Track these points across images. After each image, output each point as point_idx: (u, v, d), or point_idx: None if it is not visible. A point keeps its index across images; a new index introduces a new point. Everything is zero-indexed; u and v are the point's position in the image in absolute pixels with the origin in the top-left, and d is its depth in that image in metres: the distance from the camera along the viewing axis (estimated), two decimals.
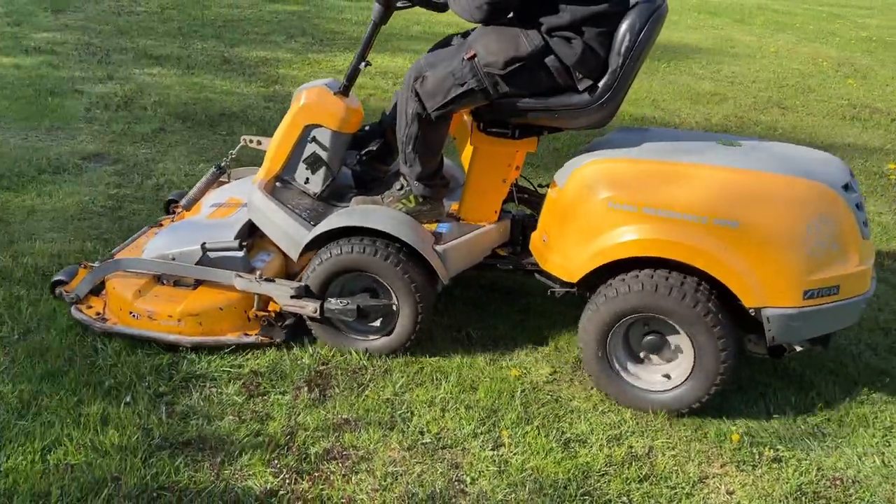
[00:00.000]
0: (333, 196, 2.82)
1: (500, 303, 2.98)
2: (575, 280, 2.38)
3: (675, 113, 5.75)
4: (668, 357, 2.38)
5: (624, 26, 2.35)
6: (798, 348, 2.32)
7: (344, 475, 2.10)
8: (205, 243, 2.63)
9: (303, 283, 2.55)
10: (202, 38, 6.86)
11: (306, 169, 2.76)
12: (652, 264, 2.26)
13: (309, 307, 2.53)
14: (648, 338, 2.36)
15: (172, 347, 2.56)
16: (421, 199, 2.64)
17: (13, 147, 4.11)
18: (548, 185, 2.58)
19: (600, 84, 2.38)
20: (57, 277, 2.73)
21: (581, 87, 2.40)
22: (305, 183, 2.79)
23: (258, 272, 2.58)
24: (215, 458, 2.13)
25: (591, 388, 2.51)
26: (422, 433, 2.28)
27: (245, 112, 4.97)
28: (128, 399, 2.31)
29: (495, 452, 2.22)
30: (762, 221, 2.16)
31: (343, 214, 2.59)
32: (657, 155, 2.37)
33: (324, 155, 2.73)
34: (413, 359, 2.61)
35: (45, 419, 2.20)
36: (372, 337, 2.63)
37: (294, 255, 2.64)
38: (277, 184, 2.79)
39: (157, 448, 2.14)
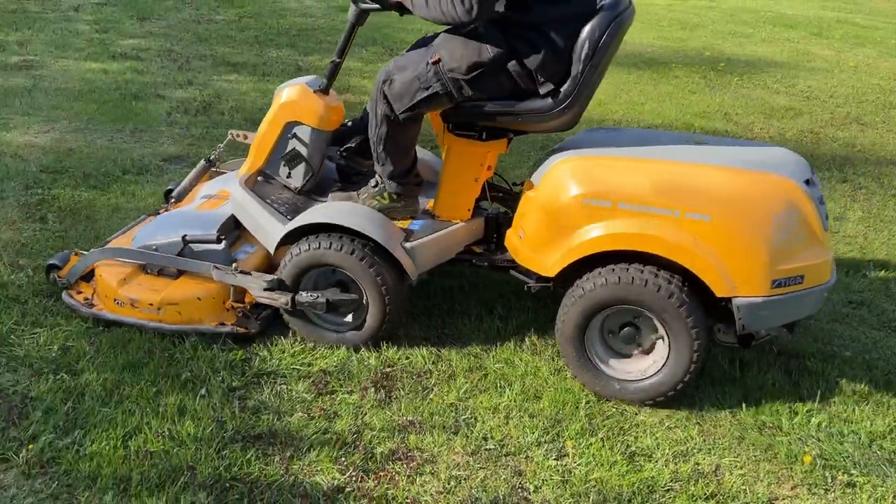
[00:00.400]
0: (316, 190, 2.89)
1: None
2: (552, 275, 2.46)
3: (749, 127, 5.63)
4: (644, 348, 2.45)
5: (584, 33, 2.39)
6: (764, 335, 2.43)
7: (409, 476, 2.14)
8: (185, 235, 2.74)
9: (276, 277, 2.63)
10: (277, 47, 7.06)
11: (287, 165, 2.84)
12: (626, 258, 2.33)
13: (281, 299, 2.62)
14: (625, 329, 2.44)
15: (245, 343, 2.65)
16: (395, 197, 2.71)
17: (100, 147, 4.32)
18: (521, 184, 2.61)
19: (562, 89, 2.43)
20: (51, 262, 2.87)
21: (543, 91, 2.45)
22: (287, 178, 2.87)
23: (235, 264, 2.69)
24: (285, 452, 2.19)
25: (657, 404, 2.48)
26: (485, 439, 2.30)
27: None
28: (203, 392, 2.40)
29: (559, 462, 2.22)
30: (733, 214, 2.24)
31: (315, 211, 2.67)
32: (629, 152, 2.45)
33: (303, 151, 2.81)
34: (476, 365, 2.63)
35: (127, 407, 2.31)
36: (343, 329, 2.70)
37: (270, 248, 2.73)
38: (260, 178, 2.88)
39: (230, 440, 2.22)
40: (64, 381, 2.39)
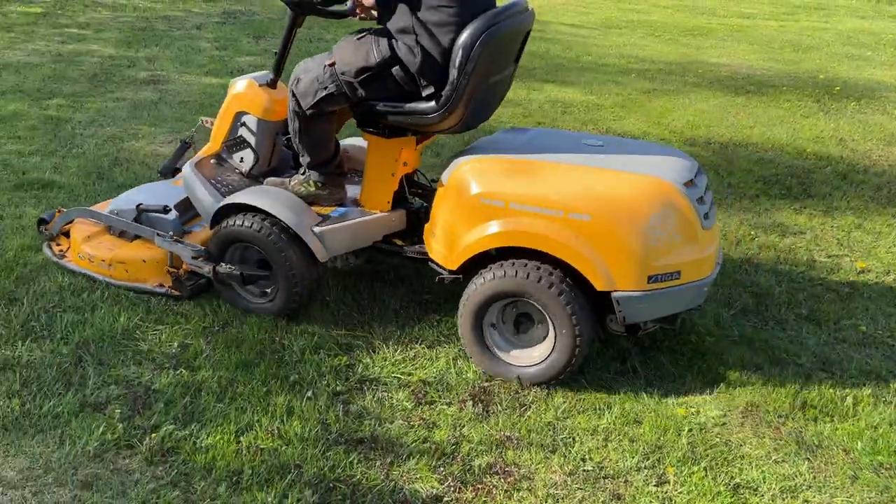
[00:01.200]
0: (265, 175, 3.12)
1: (667, 338, 2.93)
2: (454, 268, 2.64)
3: (866, 154, 5.36)
4: (535, 336, 2.61)
5: (460, 40, 2.51)
6: (650, 326, 2.58)
7: (506, 491, 2.15)
8: (140, 204, 3.09)
9: (204, 248, 2.92)
10: None
11: (237, 150, 3.13)
12: (521, 254, 2.49)
13: (205, 268, 2.90)
14: (518, 319, 2.62)
15: (349, 351, 2.74)
16: (319, 185, 2.94)
17: None
18: (437, 181, 2.78)
19: (443, 93, 2.57)
20: (41, 216, 3.33)
21: (424, 93, 2.62)
22: (240, 162, 3.14)
23: (172, 232, 2.98)
24: (385, 458, 2.25)
25: (764, 436, 2.41)
26: (583, 460, 2.29)
27: None
28: (309, 394, 2.50)
29: (659, 489, 2.18)
30: (611, 214, 2.40)
31: (242, 192, 2.91)
32: (526, 155, 2.63)
33: (250, 139, 3.08)
34: (575, 385, 2.62)
35: (239, 404, 2.43)
36: (258, 301, 2.94)
37: (207, 223, 2.99)
38: (214, 161, 3.14)
39: (334, 443, 2.30)
40: (183, 376, 2.54)
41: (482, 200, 2.52)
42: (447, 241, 2.64)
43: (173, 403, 2.42)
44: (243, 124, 3.09)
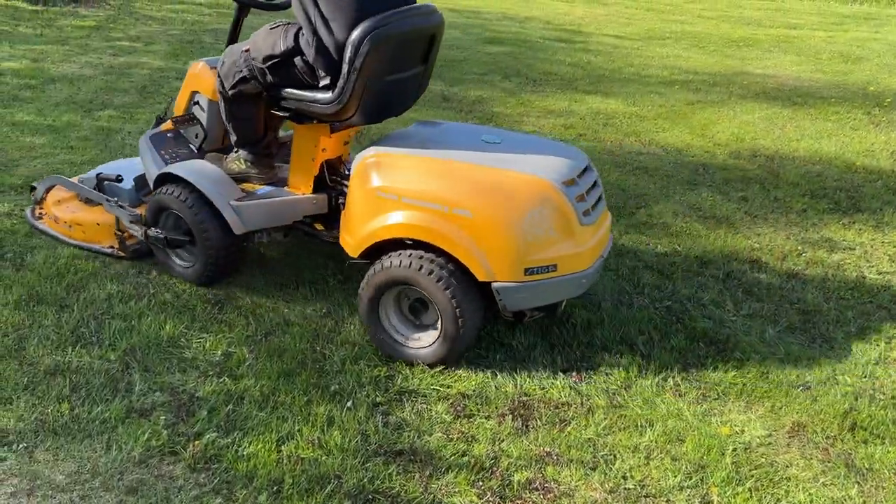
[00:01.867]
0: (218, 151, 3.39)
1: (709, 355, 2.88)
2: (355, 256, 2.81)
3: None
4: (427, 321, 2.76)
5: (351, 36, 2.64)
6: (535, 315, 2.78)
7: None
8: (100, 173, 3.39)
9: (140, 213, 3.21)
10: None
11: (191, 127, 3.39)
12: (414, 244, 2.66)
13: (139, 232, 3.20)
14: (413, 304, 2.77)
15: (389, 362, 2.75)
16: (248, 163, 3.17)
17: None
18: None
19: (337, 84, 2.72)
20: (32, 185, 3.71)
21: (321, 84, 2.79)
22: (194, 138, 3.39)
23: (118, 199, 3.28)
24: (424, 470, 2.25)
25: (811, 458, 2.35)
26: (624, 478, 2.26)
27: None
28: (349, 404, 2.52)
29: None
30: (490, 211, 2.55)
31: (174, 164, 3.14)
32: (426, 150, 2.76)
33: (201, 116, 3.35)
34: (615, 402, 2.59)
35: (281, 413, 2.46)
36: (182, 265, 3.19)
37: (152, 189, 3.23)
38: (171, 135, 3.38)
39: (374, 454, 2.31)
40: (226, 384, 2.58)
41: (378, 193, 2.70)
42: (351, 229, 2.83)
43: (216, 411, 2.45)
44: (196, 103, 3.36)
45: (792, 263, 3.69)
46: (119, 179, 3.34)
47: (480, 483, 2.21)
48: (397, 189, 2.66)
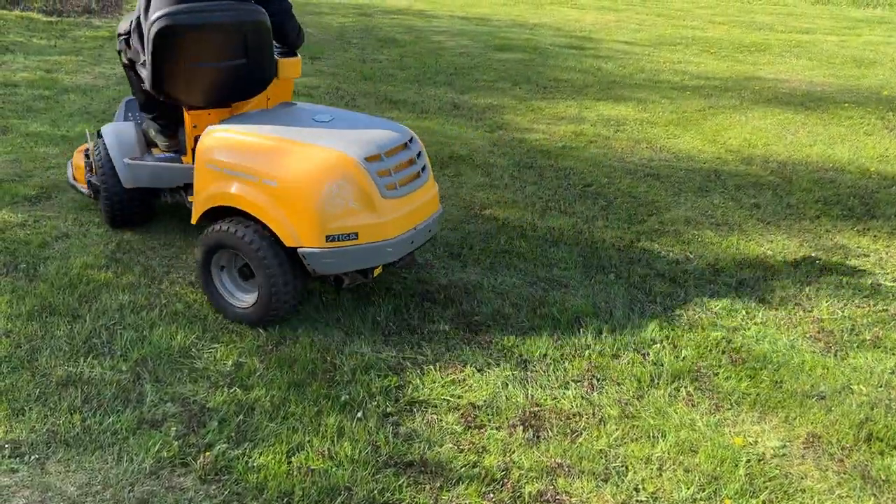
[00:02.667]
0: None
1: (722, 365, 2.85)
2: (193, 222, 3.13)
3: None
4: (253, 283, 3.01)
5: (149, 21, 2.94)
6: (351, 281, 2.99)
7: None
8: (99, 130, 3.69)
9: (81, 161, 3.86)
10: (435, 85, 7.34)
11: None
12: (239, 212, 2.94)
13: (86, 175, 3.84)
14: (242, 268, 3.03)
15: (399, 372, 2.75)
16: (156, 130, 3.57)
17: None
18: None
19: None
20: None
21: (142, 61, 3.21)
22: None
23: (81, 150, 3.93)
24: (435, 482, 2.24)
25: (826, 469, 2.32)
26: (636, 490, 2.24)
27: (472, 155, 5.24)
28: (360, 415, 2.51)
29: None
30: (293, 183, 2.80)
31: (108, 124, 3.69)
32: (252, 128, 3.01)
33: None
34: (628, 411, 2.57)
35: (291, 424, 2.45)
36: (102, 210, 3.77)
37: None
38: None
39: (384, 465, 2.30)
40: (237, 395, 2.59)
41: (207, 165, 3.01)
42: (194, 197, 3.13)
43: (227, 422, 2.45)
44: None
45: (805, 271, 3.66)
46: (99, 135, 3.72)
47: (491, 495, 2.20)
48: (221, 161, 2.97)
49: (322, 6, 13.20)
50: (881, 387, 2.75)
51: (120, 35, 3.45)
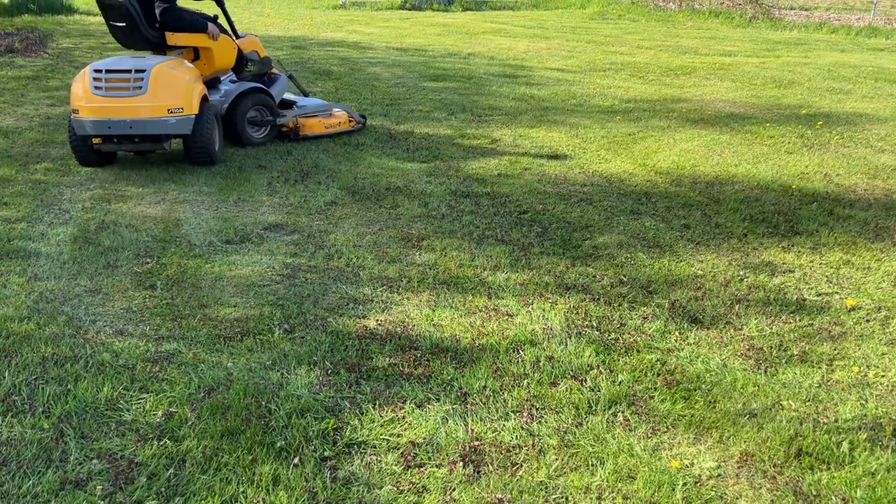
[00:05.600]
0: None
1: (658, 387, 2.89)
2: None
3: (851, 189, 5.39)
4: None
5: None
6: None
7: None
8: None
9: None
10: (371, 116, 7.34)
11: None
12: None
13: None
14: None
15: (337, 413, 2.70)
16: None
17: (206, 218, 4.58)
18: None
19: None
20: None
21: None
22: None
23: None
24: None
25: (760, 487, 2.36)
26: None
27: (408, 186, 5.24)
28: (296, 461, 2.45)
29: None
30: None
31: None
32: None
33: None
34: (568, 440, 2.58)
35: (224, 475, 2.38)
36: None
37: None
38: None
39: None
40: (167, 447, 2.50)
41: None
42: None
43: (157, 476, 2.36)
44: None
45: (735, 289, 3.75)
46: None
47: None
48: None
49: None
50: (809, 401, 2.82)
51: None
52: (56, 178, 5.22)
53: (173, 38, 5.61)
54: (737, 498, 2.33)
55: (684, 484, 2.37)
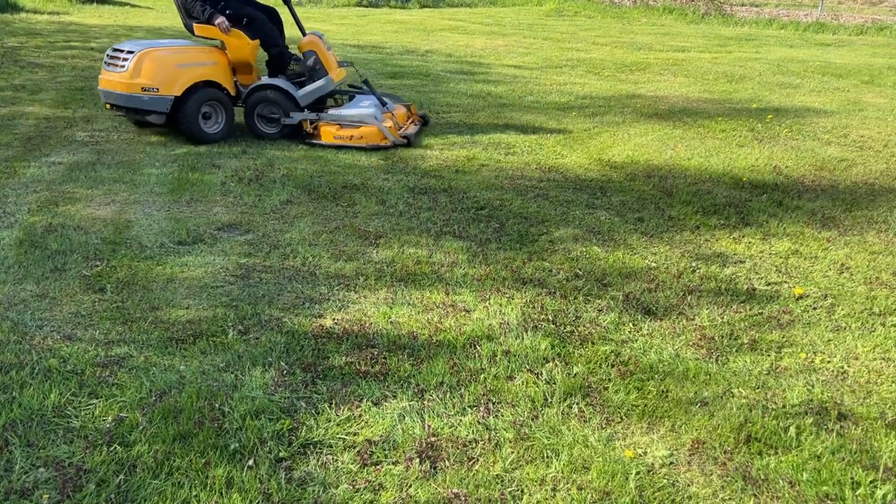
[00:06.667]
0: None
1: (612, 378, 2.93)
2: None
3: (800, 180, 5.53)
4: None
5: None
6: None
7: None
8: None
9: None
10: None
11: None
12: None
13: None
14: None
15: (292, 413, 2.68)
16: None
17: (157, 219, 4.49)
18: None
19: None
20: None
21: None
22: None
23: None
24: None
25: (711, 474, 2.41)
26: None
27: (365, 183, 5.22)
28: (250, 463, 2.42)
29: None
30: None
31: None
32: None
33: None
34: (524, 433, 2.60)
35: (176, 479, 2.34)
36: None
37: None
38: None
39: None
40: (117, 453, 2.44)
41: None
42: None
43: (106, 483, 2.31)
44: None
45: (687, 280, 3.82)
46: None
47: None
48: None
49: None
50: (758, 388, 2.89)
51: None
52: (1, 180, 5.07)
53: (196, 29, 6.08)
54: (688, 485, 2.37)
55: (637, 473, 2.40)
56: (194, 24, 6.06)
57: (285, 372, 2.93)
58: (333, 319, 3.33)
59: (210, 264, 3.86)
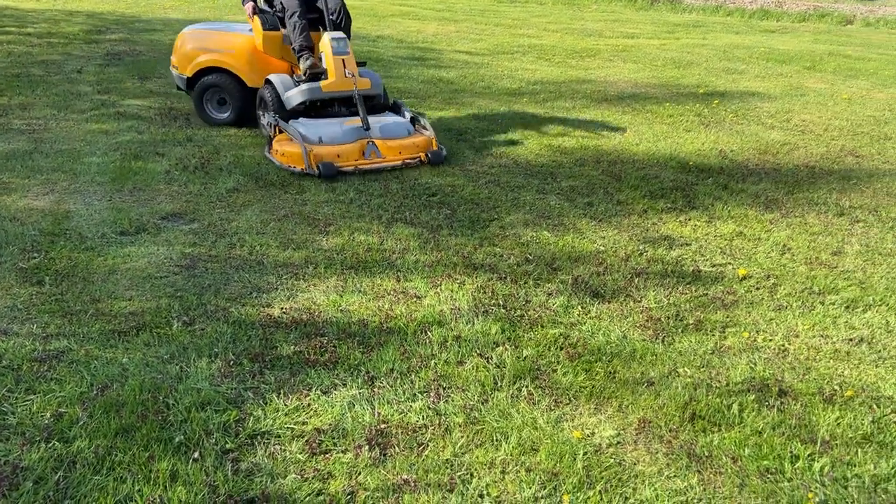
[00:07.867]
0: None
1: (561, 360, 2.95)
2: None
3: (744, 164, 5.65)
4: None
5: None
6: None
7: None
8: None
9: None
10: None
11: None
12: None
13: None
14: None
15: (240, 404, 2.63)
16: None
17: (98, 209, 4.36)
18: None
19: None
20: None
21: None
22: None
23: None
24: None
25: (657, 452, 2.45)
26: (481, 496, 2.26)
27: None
28: (196, 455, 2.38)
29: None
30: None
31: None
32: None
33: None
34: (474, 417, 2.60)
35: (118, 474, 2.28)
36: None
37: None
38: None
39: None
40: (56, 449, 2.37)
41: None
42: None
43: (44, 480, 2.24)
44: None
45: (635, 263, 3.87)
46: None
47: None
48: None
49: (154, 22, 12.59)
50: (703, 367, 2.94)
51: None
52: None
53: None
54: (635, 463, 2.41)
55: (585, 453, 2.43)
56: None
57: (232, 362, 2.88)
58: (282, 308, 3.29)
59: (154, 254, 3.77)
